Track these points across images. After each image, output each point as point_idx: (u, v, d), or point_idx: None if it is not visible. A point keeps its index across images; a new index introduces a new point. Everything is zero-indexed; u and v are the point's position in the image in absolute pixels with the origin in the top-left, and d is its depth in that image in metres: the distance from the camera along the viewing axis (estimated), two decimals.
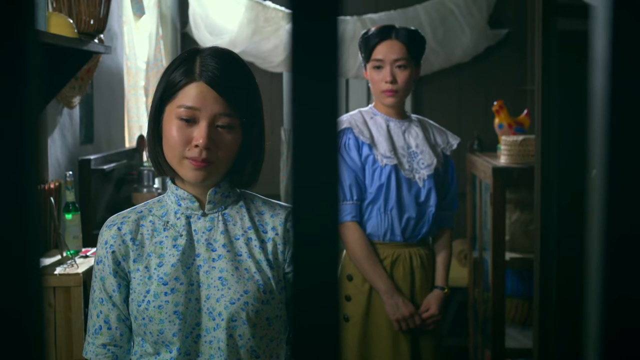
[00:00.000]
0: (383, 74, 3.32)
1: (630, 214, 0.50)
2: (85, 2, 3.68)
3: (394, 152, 3.31)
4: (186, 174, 1.85)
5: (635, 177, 0.50)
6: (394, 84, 3.31)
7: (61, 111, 4.05)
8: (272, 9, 6.26)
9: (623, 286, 0.49)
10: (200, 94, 1.82)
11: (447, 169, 3.45)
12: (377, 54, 3.34)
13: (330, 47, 0.54)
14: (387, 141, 3.32)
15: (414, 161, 3.34)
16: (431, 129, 3.46)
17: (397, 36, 3.34)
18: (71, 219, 3.59)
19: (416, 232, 3.33)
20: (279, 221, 1.95)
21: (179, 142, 1.83)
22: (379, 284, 3.27)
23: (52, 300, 3.18)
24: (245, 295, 1.85)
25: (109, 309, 1.90)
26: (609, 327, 0.48)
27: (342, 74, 2.77)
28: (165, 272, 1.86)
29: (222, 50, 1.91)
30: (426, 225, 3.34)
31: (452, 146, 3.46)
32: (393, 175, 3.29)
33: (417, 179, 3.32)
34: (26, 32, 0.56)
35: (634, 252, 0.50)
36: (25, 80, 0.56)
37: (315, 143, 0.53)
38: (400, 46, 3.32)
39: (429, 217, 3.33)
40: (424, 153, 3.35)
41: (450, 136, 3.49)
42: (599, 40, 0.48)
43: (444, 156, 3.44)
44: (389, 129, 3.36)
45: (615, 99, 0.48)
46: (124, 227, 1.91)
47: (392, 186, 3.29)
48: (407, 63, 3.32)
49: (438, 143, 3.43)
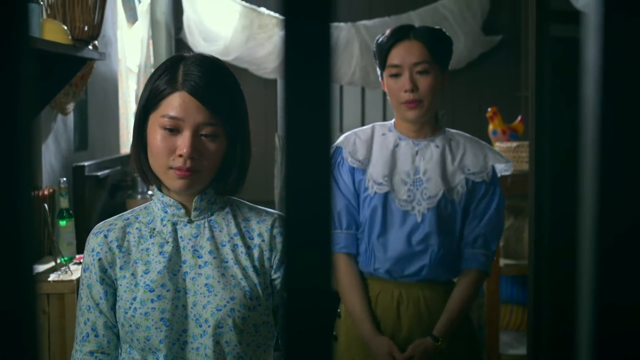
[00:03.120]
0: (401, 81, 2.73)
1: (622, 220, 0.50)
2: (80, 9, 3.68)
3: (389, 178, 2.75)
4: (171, 183, 1.85)
5: (626, 185, 0.50)
6: (415, 93, 2.71)
7: (55, 117, 4.04)
8: (267, 15, 6.27)
9: (614, 293, 0.50)
10: (182, 104, 1.81)
11: (472, 198, 2.77)
12: (393, 58, 2.75)
13: (323, 52, 0.54)
14: (385, 164, 2.77)
15: (417, 190, 2.74)
16: (462, 150, 2.80)
17: (416, 36, 2.75)
18: (65, 225, 3.59)
19: (411, 271, 2.76)
20: (265, 227, 1.94)
21: (163, 152, 1.82)
22: (358, 324, 2.79)
23: (46, 307, 3.18)
24: (231, 301, 1.85)
25: (96, 317, 1.90)
26: (600, 334, 0.48)
27: (336, 80, 2.78)
28: (152, 279, 1.85)
29: (206, 57, 1.90)
30: (428, 266, 2.75)
31: (489, 172, 2.78)
32: (380, 205, 2.74)
33: (415, 212, 2.73)
34: (20, 39, 0.56)
35: (624, 260, 0.50)
36: (19, 86, 0.56)
37: (307, 148, 0.53)
38: (419, 47, 2.74)
39: (431, 257, 2.74)
40: (430, 181, 2.74)
41: (492, 158, 2.80)
42: (590, 48, 0.49)
43: (473, 184, 2.76)
44: (395, 150, 2.80)
45: (605, 106, 0.48)
46: (110, 235, 1.91)
47: (378, 218, 2.75)
48: (430, 67, 2.72)
49: (465, 167, 2.77)
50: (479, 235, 2.76)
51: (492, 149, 2.83)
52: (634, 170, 0.50)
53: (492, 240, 2.79)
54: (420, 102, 2.72)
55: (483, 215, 2.77)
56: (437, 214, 2.72)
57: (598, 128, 0.48)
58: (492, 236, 2.79)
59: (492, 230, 2.78)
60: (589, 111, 0.49)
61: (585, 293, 0.50)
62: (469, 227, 2.77)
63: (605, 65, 0.48)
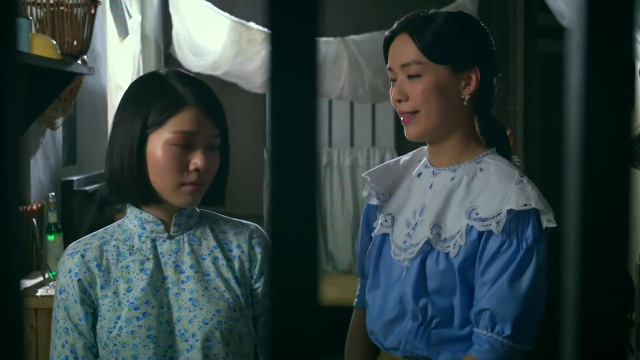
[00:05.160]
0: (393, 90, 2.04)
1: (604, 237, 0.51)
2: (69, 23, 3.68)
3: (394, 216, 2.10)
4: (180, 199, 1.84)
5: (609, 201, 0.51)
6: (403, 103, 2.00)
7: (44, 132, 4.04)
8: (256, 30, 6.28)
9: (596, 309, 0.50)
10: (196, 119, 1.82)
11: (476, 255, 1.94)
12: (389, 59, 2.06)
13: (309, 67, 0.54)
14: (398, 199, 2.13)
15: (414, 233, 2.03)
16: (484, 185, 1.98)
17: (409, 29, 2.01)
18: (53, 240, 3.58)
19: (391, 343, 2.06)
20: (244, 239, 1.96)
21: (175, 169, 1.81)
22: None
23: (34, 322, 3.17)
24: (217, 314, 1.86)
25: (74, 339, 1.86)
26: (582, 346, 0.48)
27: (325, 95, 2.77)
28: (136, 296, 1.84)
29: (188, 72, 1.93)
30: (412, 337, 2.01)
31: (502, 219, 1.91)
32: (375, 250, 2.12)
33: (402, 260, 2.03)
34: (7, 53, 0.56)
35: (607, 278, 0.51)
36: (7, 101, 0.56)
37: (293, 162, 0.54)
38: (408, 44, 2.00)
39: (411, 326, 2.01)
40: (423, 224, 2.01)
41: (513, 201, 1.91)
42: (573, 65, 0.49)
43: (479, 235, 1.93)
44: (413, 182, 2.12)
45: (588, 124, 0.49)
46: (87, 254, 1.88)
47: (371, 266, 2.14)
48: (423, 69, 1.97)
49: (474, 211, 1.95)
50: (483, 310, 1.91)
51: (526, 190, 1.93)
52: (616, 188, 0.51)
53: (505, 319, 1.89)
54: (415, 113, 1.98)
55: (493, 282, 1.90)
56: (419, 269, 1.98)
57: (581, 145, 0.49)
58: (507, 314, 1.89)
59: (506, 305, 1.89)
60: (572, 129, 0.50)
61: (569, 309, 0.50)
62: (477, 297, 1.94)
63: (587, 83, 0.49)
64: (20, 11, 3.51)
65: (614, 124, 0.50)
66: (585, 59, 0.49)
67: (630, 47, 0.51)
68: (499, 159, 2.02)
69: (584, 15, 0.51)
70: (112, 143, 1.87)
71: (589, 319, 0.49)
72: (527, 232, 1.91)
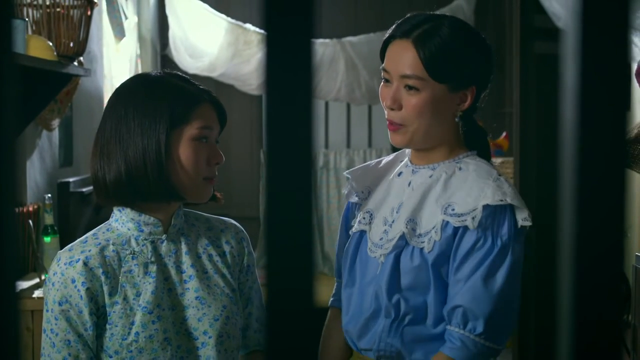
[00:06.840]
0: (388, 91, 1.98)
1: (600, 238, 0.51)
2: (65, 25, 3.68)
3: (372, 214, 2.08)
4: (203, 193, 1.88)
5: (603, 203, 0.51)
6: (395, 112, 1.97)
7: (40, 134, 4.03)
8: (252, 31, 6.28)
9: (592, 310, 0.50)
10: (212, 115, 1.87)
11: (450, 251, 1.92)
12: (386, 59, 2.00)
13: (305, 68, 0.54)
14: (378, 198, 2.11)
15: (390, 230, 2.01)
16: (461, 183, 1.97)
17: (414, 37, 1.94)
18: (50, 242, 3.58)
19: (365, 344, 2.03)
20: (231, 234, 2.00)
21: (202, 163, 1.84)
22: None
23: (30, 324, 3.16)
24: (224, 309, 1.88)
25: (78, 350, 1.81)
26: (578, 347, 0.49)
27: (321, 97, 2.79)
28: (147, 300, 1.82)
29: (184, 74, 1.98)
30: (385, 335, 1.98)
31: (477, 215, 1.89)
32: (352, 247, 2.09)
33: (377, 256, 2.00)
34: (4, 55, 0.56)
35: (602, 279, 0.51)
36: (2, 103, 0.56)
37: (289, 163, 0.54)
38: (412, 55, 1.94)
39: (384, 323, 1.98)
40: (398, 221, 2.00)
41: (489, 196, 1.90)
42: (568, 67, 0.49)
43: (454, 230, 1.91)
44: (393, 180, 2.11)
45: (583, 126, 0.49)
46: (90, 262, 1.82)
47: (347, 263, 2.10)
48: (423, 85, 1.93)
49: (450, 207, 1.94)
50: (457, 307, 1.89)
51: (502, 187, 1.92)
52: (611, 189, 0.51)
53: (477, 316, 1.87)
54: (403, 127, 1.97)
55: (467, 278, 1.88)
56: (393, 265, 1.96)
57: (576, 147, 0.49)
58: (479, 311, 1.87)
59: (479, 302, 1.87)
60: (567, 131, 0.50)
61: (565, 310, 0.50)
62: (450, 294, 1.92)
63: (582, 84, 0.49)
64: (17, 12, 3.51)
65: (609, 125, 0.50)
66: (580, 60, 0.49)
67: (625, 48, 0.51)
68: (478, 159, 2.02)
69: (579, 17, 0.51)
70: (124, 143, 1.83)
71: (584, 320, 0.49)
72: (503, 230, 1.89)
